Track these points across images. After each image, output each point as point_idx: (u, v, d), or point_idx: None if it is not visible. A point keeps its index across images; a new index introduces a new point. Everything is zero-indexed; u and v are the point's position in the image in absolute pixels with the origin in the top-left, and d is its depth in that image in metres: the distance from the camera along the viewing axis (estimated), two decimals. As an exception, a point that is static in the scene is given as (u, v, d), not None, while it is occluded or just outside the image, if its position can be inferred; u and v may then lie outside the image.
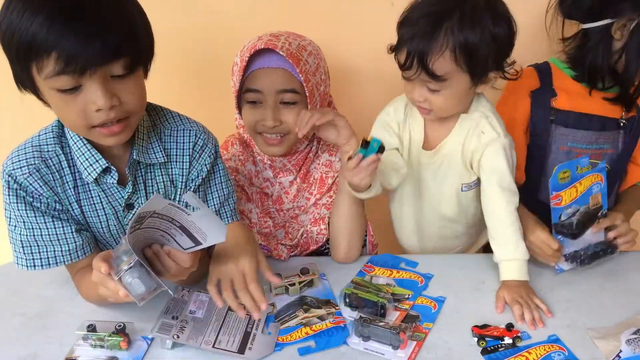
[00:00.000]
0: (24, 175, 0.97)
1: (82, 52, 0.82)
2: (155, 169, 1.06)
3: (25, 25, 0.81)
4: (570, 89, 1.27)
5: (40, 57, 0.82)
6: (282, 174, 1.30)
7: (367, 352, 0.97)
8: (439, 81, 1.07)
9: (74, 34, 0.81)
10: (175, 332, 0.97)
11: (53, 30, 0.80)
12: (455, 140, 1.19)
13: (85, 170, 0.99)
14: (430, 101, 1.12)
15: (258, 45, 1.16)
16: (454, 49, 1.04)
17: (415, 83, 1.11)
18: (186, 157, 1.07)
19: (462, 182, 1.22)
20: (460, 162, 1.20)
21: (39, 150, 1.00)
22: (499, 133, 1.15)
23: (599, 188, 1.14)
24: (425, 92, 1.11)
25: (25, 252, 1.01)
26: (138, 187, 1.05)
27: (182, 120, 1.09)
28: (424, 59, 1.05)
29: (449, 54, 1.05)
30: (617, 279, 1.14)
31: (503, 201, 1.14)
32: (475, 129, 1.16)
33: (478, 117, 1.17)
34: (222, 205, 1.13)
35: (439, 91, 1.10)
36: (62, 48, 0.81)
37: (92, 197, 1.04)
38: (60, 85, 0.85)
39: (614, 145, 1.29)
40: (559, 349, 0.96)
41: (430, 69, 1.05)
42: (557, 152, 1.28)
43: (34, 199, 0.99)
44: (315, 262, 1.20)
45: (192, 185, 1.09)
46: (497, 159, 1.15)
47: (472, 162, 1.18)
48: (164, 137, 1.06)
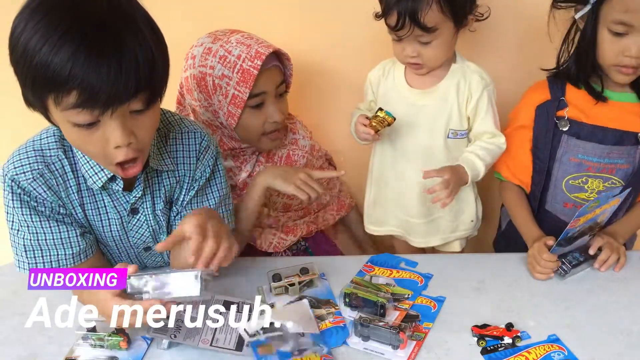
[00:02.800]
0: (27, 181, 0.97)
1: (105, 89, 0.80)
2: (163, 173, 1.06)
3: (46, 57, 0.78)
4: (585, 100, 1.21)
5: (60, 90, 0.80)
6: (245, 162, 1.34)
7: (367, 352, 0.97)
8: (430, 32, 1.17)
9: (98, 70, 0.79)
10: (172, 332, 0.97)
11: (77, 65, 0.78)
12: (450, 82, 1.26)
13: (90, 178, 0.99)
14: (422, 54, 1.21)
15: (265, 51, 1.20)
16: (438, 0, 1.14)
17: (405, 41, 1.20)
18: (193, 159, 1.08)
19: (450, 127, 1.27)
20: (453, 104, 1.26)
21: (41, 154, 0.98)
22: (491, 80, 1.27)
23: (612, 208, 1.15)
24: (417, 46, 1.20)
25: (28, 256, 1.01)
26: (145, 191, 1.05)
27: (184, 123, 1.09)
28: (415, 15, 1.14)
29: (435, 5, 1.14)
30: (618, 279, 1.14)
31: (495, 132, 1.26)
32: (472, 74, 1.26)
33: (471, 65, 1.27)
34: (219, 206, 1.13)
35: (430, 43, 1.19)
36: (84, 84, 0.79)
37: (97, 202, 1.04)
38: (78, 120, 0.83)
39: (629, 161, 1.21)
40: (559, 349, 0.96)
41: (422, 23, 1.15)
42: (567, 163, 1.24)
43: (38, 204, 0.99)
44: (315, 262, 1.20)
45: (196, 186, 1.09)
46: (490, 103, 1.25)
47: (468, 101, 1.25)
48: (170, 141, 1.06)
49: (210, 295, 1.06)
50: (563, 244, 1.12)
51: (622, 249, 1.19)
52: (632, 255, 1.20)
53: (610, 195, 1.11)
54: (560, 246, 1.12)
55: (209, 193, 1.12)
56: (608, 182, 1.22)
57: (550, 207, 1.30)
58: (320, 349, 0.95)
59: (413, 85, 1.29)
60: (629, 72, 1.13)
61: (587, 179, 1.23)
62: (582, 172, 1.23)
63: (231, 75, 1.20)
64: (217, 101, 1.23)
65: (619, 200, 1.14)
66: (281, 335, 0.97)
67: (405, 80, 1.30)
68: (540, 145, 1.26)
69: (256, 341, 0.96)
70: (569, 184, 1.25)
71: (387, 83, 1.32)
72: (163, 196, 1.07)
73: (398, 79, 1.31)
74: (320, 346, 0.96)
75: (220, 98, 1.23)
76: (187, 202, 1.10)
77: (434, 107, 1.27)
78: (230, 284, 1.13)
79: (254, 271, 1.17)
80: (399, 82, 1.31)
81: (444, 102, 1.26)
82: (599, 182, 1.23)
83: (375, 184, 1.40)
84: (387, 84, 1.33)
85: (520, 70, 1.44)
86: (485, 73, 1.27)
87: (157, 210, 1.08)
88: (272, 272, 1.12)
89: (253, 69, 1.19)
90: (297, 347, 0.95)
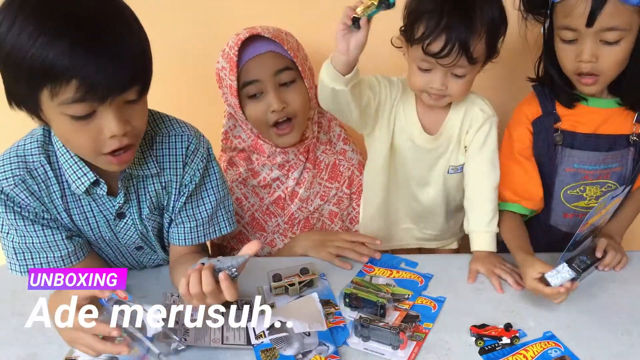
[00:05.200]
0: (10, 187, 0.96)
1: (104, 81, 0.81)
2: (148, 178, 1.04)
3: (42, 51, 0.78)
4: (574, 110, 1.19)
5: (57, 83, 0.80)
6: (292, 168, 1.33)
7: (367, 352, 0.97)
8: (473, 64, 1.08)
9: (96, 62, 0.80)
10: (181, 336, 0.97)
11: (75, 57, 0.79)
12: (456, 119, 1.22)
13: (74, 183, 0.98)
14: (449, 87, 1.13)
15: (242, 37, 1.19)
16: (486, 29, 1.06)
17: (436, 71, 1.11)
18: (179, 163, 1.05)
19: (450, 164, 1.24)
20: (456, 143, 1.22)
21: (23, 160, 0.97)
22: (493, 112, 1.22)
23: (613, 208, 1.15)
24: (447, 79, 1.12)
25: (19, 258, 1.02)
26: (130, 196, 1.04)
27: (172, 125, 1.06)
28: (467, 44, 1.05)
29: (485, 37, 1.07)
30: (618, 279, 1.14)
31: (492, 176, 1.21)
32: (472, 107, 1.21)
33: (473, 98, 1.22)
34: (217, 208, 1.12)
35: (464, 76, 1.11)
36: (84, 76, 0.79)
37: (82, 206, 1.03)
38: (75, 112, 0.84)
39: (623, 163, 1.21)
40: (555, 345, 0.97)
41: (471, 53, 1.06)
42: (563, 173, 1.22)
43: (22, 209, 0.98)
44: (315, 262, 1.20)
45: (186, 191, 1.07)
46: (490, 136, 1.21)
47: (466, 138, 1.22)
48: (156, 145, 1.04)
49: None
50: (571, 249, 1.12)
51: (622, 248, 1.19)
52: (632, 255, 1.20)
53: (614, 195, 1.10)
54: (569, 251, 1.12)
55: (204, 197, 1.10)
56: (604, 187, 1.22)
57: (553, 222, 1.28)
58: (326, 348, 0.95)
59: (424, 122, 1.22)
60: (587, 82, 1.11)
61: (584, 187, 1.22)
62: (580, 182, 1.22)
63: (225, 65, 1.21)
64: (224, 93, 1.25)
65: (619, 200, 1.14)
66: (286, 336, 0.97)
67: (417, 115, 1.22)
68: (543, 161, 1.23)
69: (260, 345, 0.97)
70: (567, 194, 1.24)
71: (400, 116, 1.23)
72: (148, 202, 1.06)
73: (409, 116, 1.23)
74: (326, 345, 0.96)
75: (225, 90, 1.24)
76: (180, 208, 1.08)
77: (440, 149, 1.23)
78: (230, 284, 1.12)
79: (254, 271, 1.16)
80: (410, 120, 1.22)
81: (449, 143, 1.23)
82: (597, 188, 1.22)
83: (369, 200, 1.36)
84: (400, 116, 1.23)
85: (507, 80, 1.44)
86: (487, 104, 1.22)
87: (143, 216, 1.07)
88: (272, 272, 1.12)
89: (234, 55, 1.19)
90: (301, 350, 0.95)
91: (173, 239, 1.11)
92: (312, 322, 1.00)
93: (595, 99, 1.18)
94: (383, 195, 1.31)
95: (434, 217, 1.34)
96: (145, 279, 1.16)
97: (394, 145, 1.25)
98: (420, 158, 1.25)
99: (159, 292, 1.10)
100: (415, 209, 1.33)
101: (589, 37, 1.05)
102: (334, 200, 1.37)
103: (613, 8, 1.02)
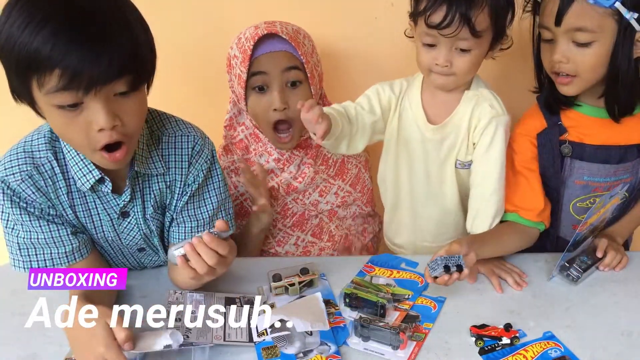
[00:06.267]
0: (16, 182, 0.97)
1: (87, 70, 0.80)
2: (153, 177, 1.05)
3: (28, 39, 0.79)
4: (582, 121, 1.18)
5: (42, 72, 0.80)
6: (288, 162, 1.33)
7: (367, 352, 0.97)
8: (476, 37, 1.09)
9: (79, 51, 0.79)
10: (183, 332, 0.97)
11: (58, 45, 0.78)
12: (464, 112, 1.20)
13: (79, 180, 0.98)
14: (455, 64, 1.13)
15: (260, 32, 1.20)
16: (491, 2, 1.08)
17: (440, 47, 1.11)
18: (185, 163, 1.06)
19: (458, 158, 1.23)
20: (464, 137, 1.21)
21: (30, 156, 0.98)
22: (504, 111, 1.18)
23: (614, 207, 1.15)
24: (451, 55, 1.12)
25: (22, 254, 1.02)
26: (135, 195, 1.04)
27: (179, 126, 1.07)
28: (468, 13, 1.06)
29: (487, 9, 1.08)
30: (618, 279, 1.14)
31: (498, 175, 1.18)
32: (483, 102, 1.18)
33: (484, 92, 1.19)
34: (218, 211, 1.12)
35: (468, 51, 1.11)
36: (66, 64, 0.79)
37: (87, 203, 1.03)
38: (60, 101, 0.83)
39: (633, 173, 1.20)
40: (555, 345, 0.97)
41: (473, 23, 1.06)
42: (573, 186, 1.20)
43: (27, 205, 0.99)
44: (315, 262, 1.20)
45: (189, 191, 1.07)
46: (497, 137, 1.17)
47: (474, 135, 1.19)
48: (162, 144, 1.05)
49: (211, 294, 1.07)
50: (571, 249, 1.12)
51: (622, 249, 1.19)
52: (632, 255, 1.20)
53: (612, 194, 1.11)
54: (569, 252, 1.12)
55: (206, 198, 1.10)
56: None
57: (561, 233, 1.27)
58: (328, 348, 0.96)
59: (429, 113, 1.22)
60: (562, 82, 1.11)
61: (594, 200, 1.20)
62: (590, 194, 1.21)
63: (238, 55, 1.23)
64: (230, 80, 1.27)
65: (618, 199, 1.13)
66: (288, 334, 0.97)
67: (422, 106, 1.23)
68: (548, 174, 1.21)
69: (262, 342, 0.97)
70: (576, 206, 1.23)
71: (403, 114, 1.24)
72: (152, 201, 1.06)
73: (415, 108, 1.23)
74: (327, 345, 0.96)
75: (232, 77, 1.26)
76: (182, 207, 1.08)
77: (447, 140, 1.22)
78: (230, 283, 1.12)
79: (254, 271, 1.17)
80: (415, 112, 1.23)
81: (457, 135, 1.21)
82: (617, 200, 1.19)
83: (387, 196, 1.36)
84: (402, 114, 1.24)
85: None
86: (498, 102, 1.19)
87: (147, 215, 1.07)
88: (272, 272, 1.12)
89: (248, 48, 1.20)
90: (302, 349, 0.95)
91: (173, 239, 1.11)
92: (315, 322, 1.00)
93: (595, 108, 1.17)
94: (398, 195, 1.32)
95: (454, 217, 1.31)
96: (146, 280, 1.16)
97: (403, 137, 1.25)
98: (429, 150, 1.24)
99: (159, 292, 1.09)
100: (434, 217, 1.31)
101: (561, 36, 1.07)
102: (333, 199, 1.37)
103: (580, 8, 1.03)
